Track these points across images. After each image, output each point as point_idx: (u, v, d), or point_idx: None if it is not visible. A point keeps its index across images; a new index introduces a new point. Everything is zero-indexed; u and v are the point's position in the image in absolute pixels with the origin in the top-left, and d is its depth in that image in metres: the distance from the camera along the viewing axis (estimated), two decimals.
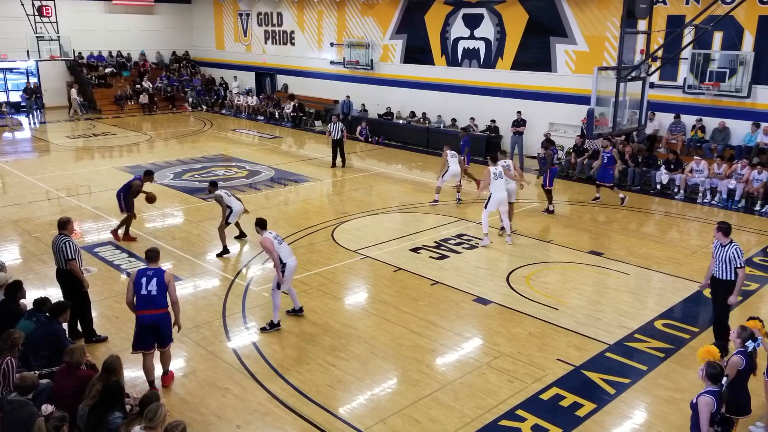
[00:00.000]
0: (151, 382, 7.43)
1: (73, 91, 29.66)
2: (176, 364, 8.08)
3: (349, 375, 7.87)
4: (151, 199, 12.82)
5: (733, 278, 8.13)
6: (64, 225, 8.55)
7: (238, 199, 12.21)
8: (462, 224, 13.83)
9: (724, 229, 8.19)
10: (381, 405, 7.26)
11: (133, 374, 7.77)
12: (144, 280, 7.17)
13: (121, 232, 12.74)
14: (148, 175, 12.86)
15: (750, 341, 6.11)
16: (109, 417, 5.67)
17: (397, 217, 14.73)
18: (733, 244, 8.11)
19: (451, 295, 10.28)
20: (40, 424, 5.10)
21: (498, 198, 12.33)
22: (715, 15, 13.66)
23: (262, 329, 8.95)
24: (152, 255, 7.50)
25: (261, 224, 9.10)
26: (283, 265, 8.79)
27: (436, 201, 15.38)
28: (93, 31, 32.19)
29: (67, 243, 8.33)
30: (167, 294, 7.21)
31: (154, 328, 7.24)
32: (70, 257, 8.29)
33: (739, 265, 8.06)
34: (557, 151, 17.09)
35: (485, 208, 12.46)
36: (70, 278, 8.46)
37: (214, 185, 12.21)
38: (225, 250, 11.92)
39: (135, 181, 12.66)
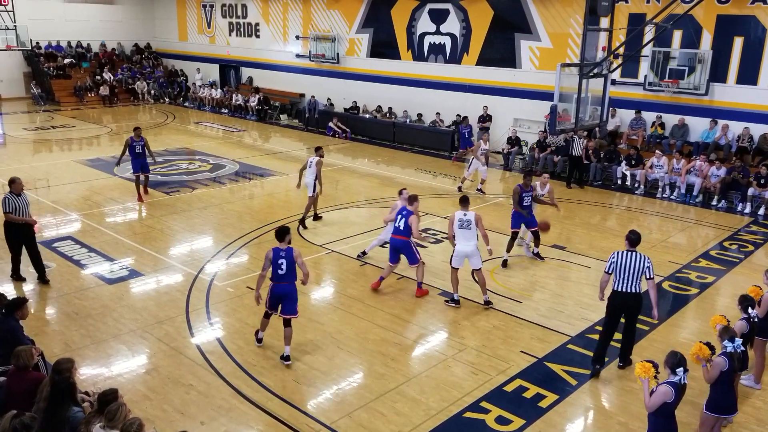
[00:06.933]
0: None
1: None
2: (138, 361, 7.98)
3: (315, 369, 7.85)
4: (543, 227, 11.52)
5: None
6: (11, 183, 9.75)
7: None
8: (428, 219, 13.88)
9: (632, 240, 7.59)
10: (347, 399, 7.27)
11: (93, 371, 7.63)
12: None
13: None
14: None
15: (728, 342, 6.09)
16: (65, 413, 5.52)
17: (364, 211, 14.71)
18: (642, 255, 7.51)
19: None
20: (6, 421, 4.92)
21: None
22: (675, 14, 13.95)
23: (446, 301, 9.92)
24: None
25: (463, 202, 9.81)
26: (455, 246, 9.64)
27: None
28: (51, 20, 31.28)
29: (6, 200, 9.53)
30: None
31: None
32: (6, 210, 9.47)
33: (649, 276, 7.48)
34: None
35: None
36: (11, 226, 9.67)
37: (318, 149, 13.12)
38: (316, 216, 13.53)
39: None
